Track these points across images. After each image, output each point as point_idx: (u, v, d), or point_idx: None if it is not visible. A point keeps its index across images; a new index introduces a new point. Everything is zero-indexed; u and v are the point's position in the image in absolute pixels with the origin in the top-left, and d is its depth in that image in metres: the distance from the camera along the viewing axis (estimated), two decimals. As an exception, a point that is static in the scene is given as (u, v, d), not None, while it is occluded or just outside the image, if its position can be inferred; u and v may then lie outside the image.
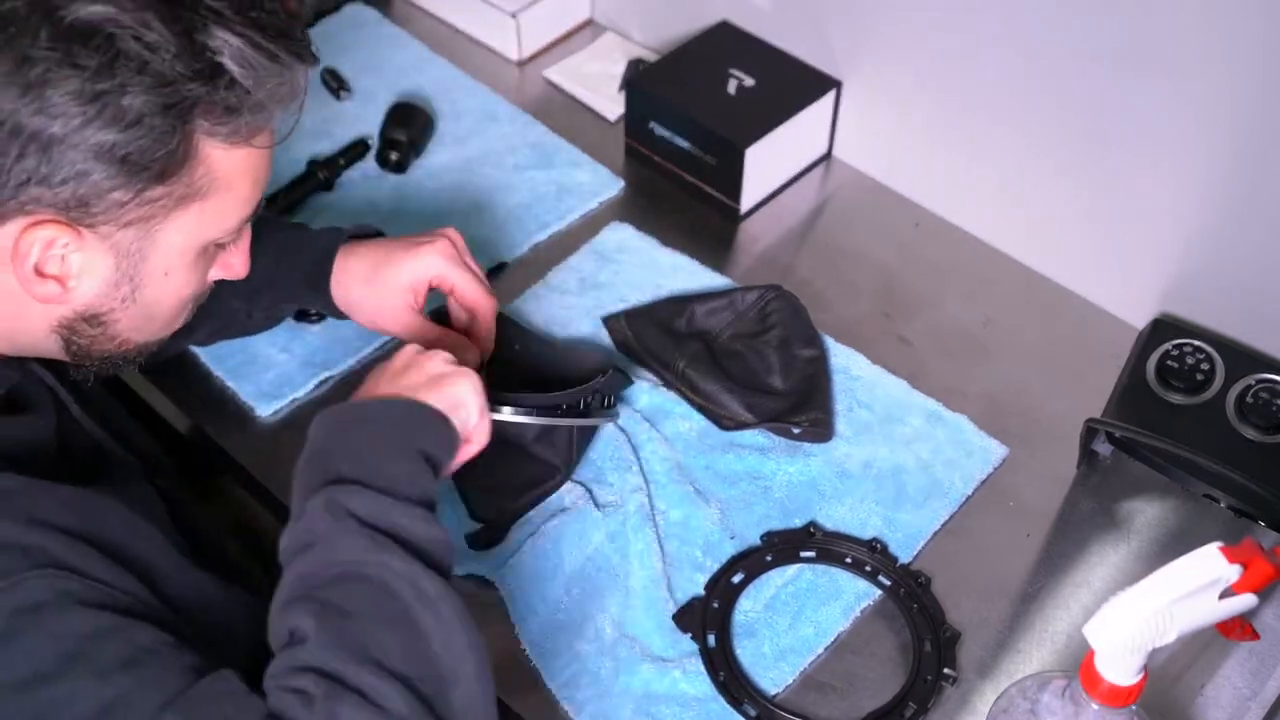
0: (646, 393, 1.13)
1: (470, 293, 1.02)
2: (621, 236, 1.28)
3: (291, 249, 1.06)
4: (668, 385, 1.14)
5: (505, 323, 1.08)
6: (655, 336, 1.15)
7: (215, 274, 0.88)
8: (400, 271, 1.02)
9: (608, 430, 1.09)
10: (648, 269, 1.25)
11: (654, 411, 1.12)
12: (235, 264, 0.89)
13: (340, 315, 1.07)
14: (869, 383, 1.15)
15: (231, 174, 0.79)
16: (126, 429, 0.99)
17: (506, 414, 0.95)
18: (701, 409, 1.12)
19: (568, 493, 1.06)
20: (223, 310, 1.06)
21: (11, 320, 0.80)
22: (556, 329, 1.19)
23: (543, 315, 1.21)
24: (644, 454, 1.08)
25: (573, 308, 1.21)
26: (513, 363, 1.07)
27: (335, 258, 1.04)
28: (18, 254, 0.75)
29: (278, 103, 0.79)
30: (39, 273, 0.76)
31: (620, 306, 1.20)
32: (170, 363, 1.15)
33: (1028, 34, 1.13)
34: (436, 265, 1.02)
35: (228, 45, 0.75)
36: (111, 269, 0.78)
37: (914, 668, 0.97)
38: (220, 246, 0.85)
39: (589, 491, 1.06)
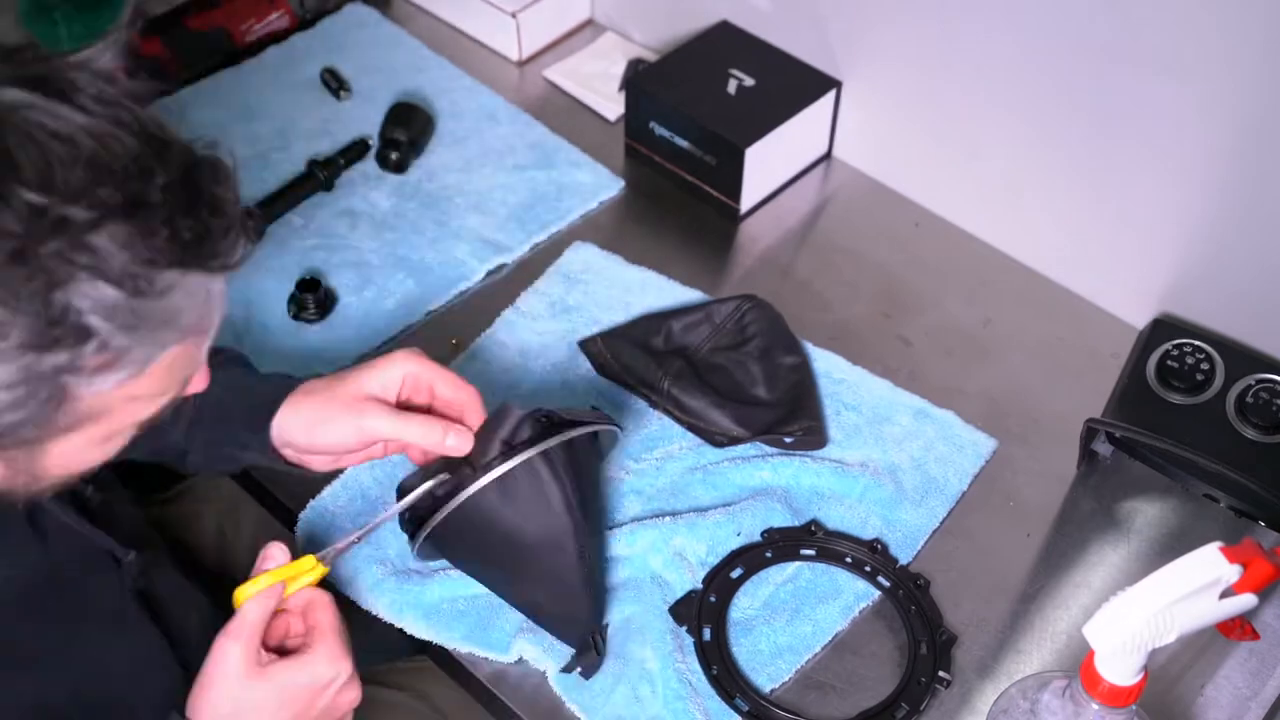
0: (632, 418, 1.13)
1: (452, 385, 0.93)
2: (586, 256, 1.27)
3: (237, 387, 0.97)
4: (652, 405, 1.13)
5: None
6: (635, 356, 1.14)
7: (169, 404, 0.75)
8: (369, 378, 0.92)
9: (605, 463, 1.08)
10: (616, 287, 1.24)
11: (643, 437, 1.11)
12: (194, 387, 0.76)
13: (284, 463, 0.97)
14: (854, 385, 1.15)
15: (125, 402, 0.67)
16: (122, 512, 0.92)
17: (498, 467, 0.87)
18: (691, 427, 1.11)
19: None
20: (161, 434, 0.97)
21: None
22: (532, 358, 1.17)
23: (516, 343, 1.19)
24: (639, 479, 1.08)
25: (546, 333, 1.19)
26: None
27: (286, 397, 0.94)
28: None
29: (176, 338, 0.66)
30: None
31: (594, 329, 1.19)
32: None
33: (1028, 34, 1.13)
34: (410, 364, 0.93)
35: (98, 301, 0.60)
36: (2, 469, 0.68)
37: (909, 669, 0.97)
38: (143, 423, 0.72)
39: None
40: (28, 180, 0.59)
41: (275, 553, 0.87)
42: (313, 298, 1.20)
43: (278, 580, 0.85)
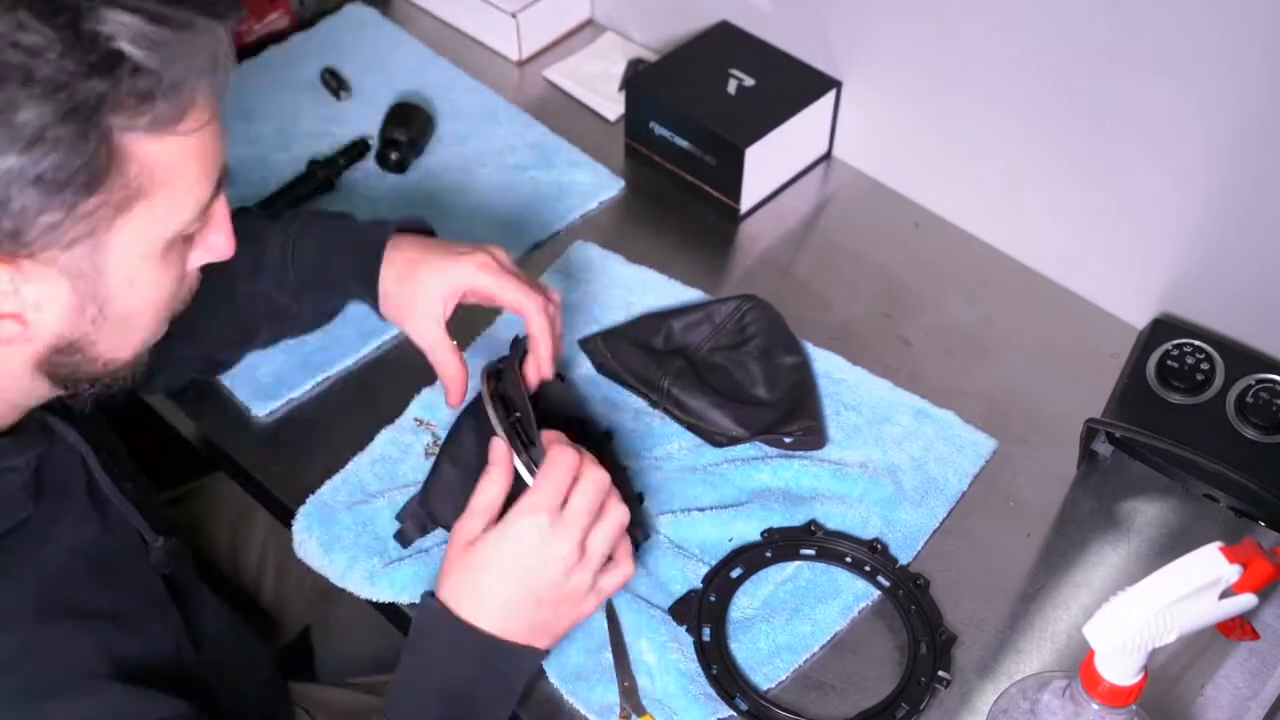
0: (631, 417, 1.13)
1: (511, 295, 1.00)
2: (587, 256, 1.27)
3: (338, 242, 1.04)
4: (652, 405, 1.13)
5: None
6: (635, 356, 1.14)
7: (200, 258, 0.81)
8: (434, 276, 1.00)
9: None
10: (616, 287, 1.24)
11: (643, 436, 1.12)
12: (218, 244, 0.81)
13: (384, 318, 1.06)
14: (853, 385, 1.15)
15: (170, 163, 0.71)
16: (146, 501, 0.96)
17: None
18: (690, 427, 1.11)
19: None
20: (273, 310, 1.06)
21: None
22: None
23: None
24: (638, 479, 1.08)
25: (545, 332, 1.20)
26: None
27: (384, 251, 1.02)
28: None
29: (198, 75, 0.69)
30: None
31: (594, 328, 1.19)
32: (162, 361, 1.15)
33: (1028, 33, 1.13)
34: (470, 274, 1.00)
35: (122, 26, 0.65)
36: (69, 293, 0.71)
37: (909, 669, 0.97)
38: (188, 237, 0.77)
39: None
40: None
41: (500, 447, 0.92)
42: (312, 297, 1.20)
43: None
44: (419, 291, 1.01)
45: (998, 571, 1.04)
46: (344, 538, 1.03)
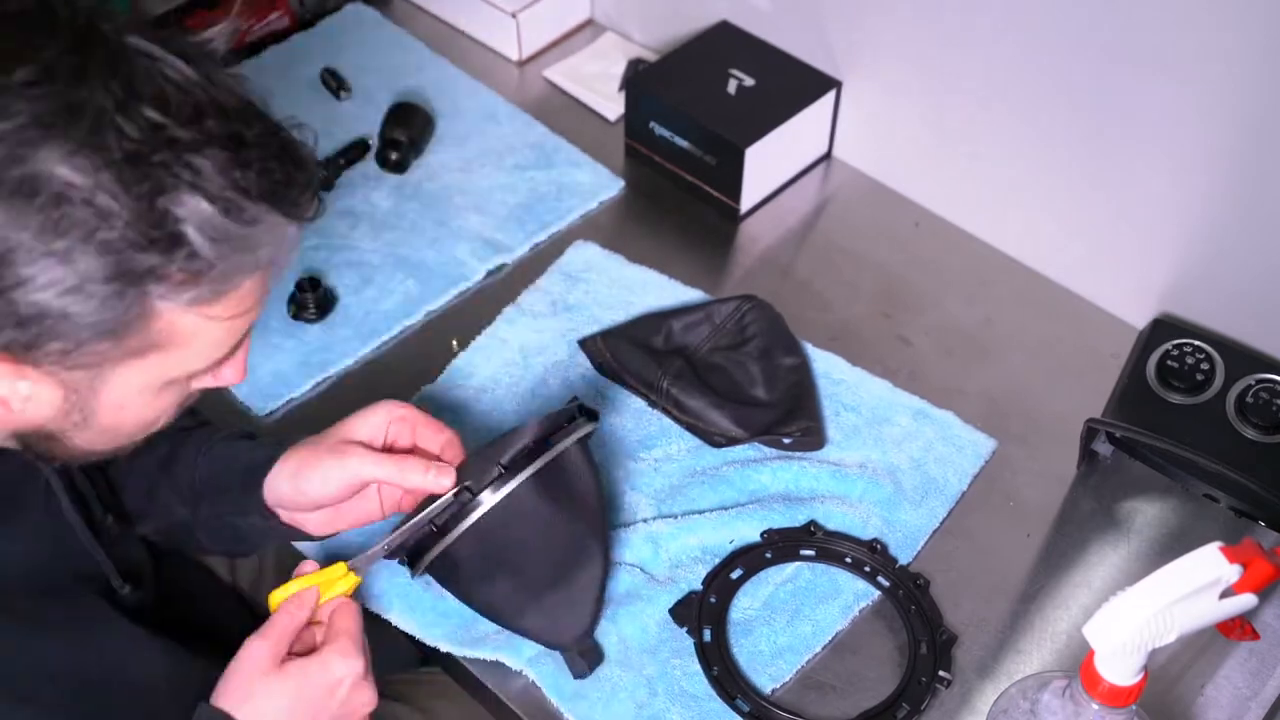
0: (631, 417, 1.13)
1: (434, 428, 0.94)
2: (588, 255, 1.27)
3: (231, 456, 0.99)
4: (651, 405, 1.13)
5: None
6: (635, 355, 1.14)
7: (206, 383, 0.79)
8: (354, 425, 0.94)
9: (602, 462, 1.08)
10: (617, 286, 1.24)
11: (642, 437, 1.12)
12: (228, 375, 0.80)
13: (282, 528, 0.98)
14: (853, 386, 1.15)
15: (196, 332, 0.71)
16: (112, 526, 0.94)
17: (490, 496, 0.88)
18: (690, 427, 1.11)
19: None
20: (169, 512, 1.01)
21: None
22: (532, 355, 1.17)
23: (517, 340, 1.19)
24: (637, 480, 1.08)
25: (545, 331, 1.20)
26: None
27: (278, 457, 0.95)
28: None
29: (251, 269, 0.71)
30: None
31: (594, 327, 1.19)
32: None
33: (1028, 34, 1.13)
34: (391, 410, 0.95)
35: (195, 214, 0.66)
36: (60, 399, 0.72)
37: (909, 669, 0.97)
38: (195, 375, 0.76)
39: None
40: (148, 101, 0.66)
41: (307, 567, 0.90)
42: (312, 297, 1.20)
43: (310, 585, 0.87)
44: (344, 436, 0.95)
45: (998, 571, 1.04)
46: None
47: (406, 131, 1.34)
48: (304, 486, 0.94)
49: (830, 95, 1.32)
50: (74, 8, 0.68)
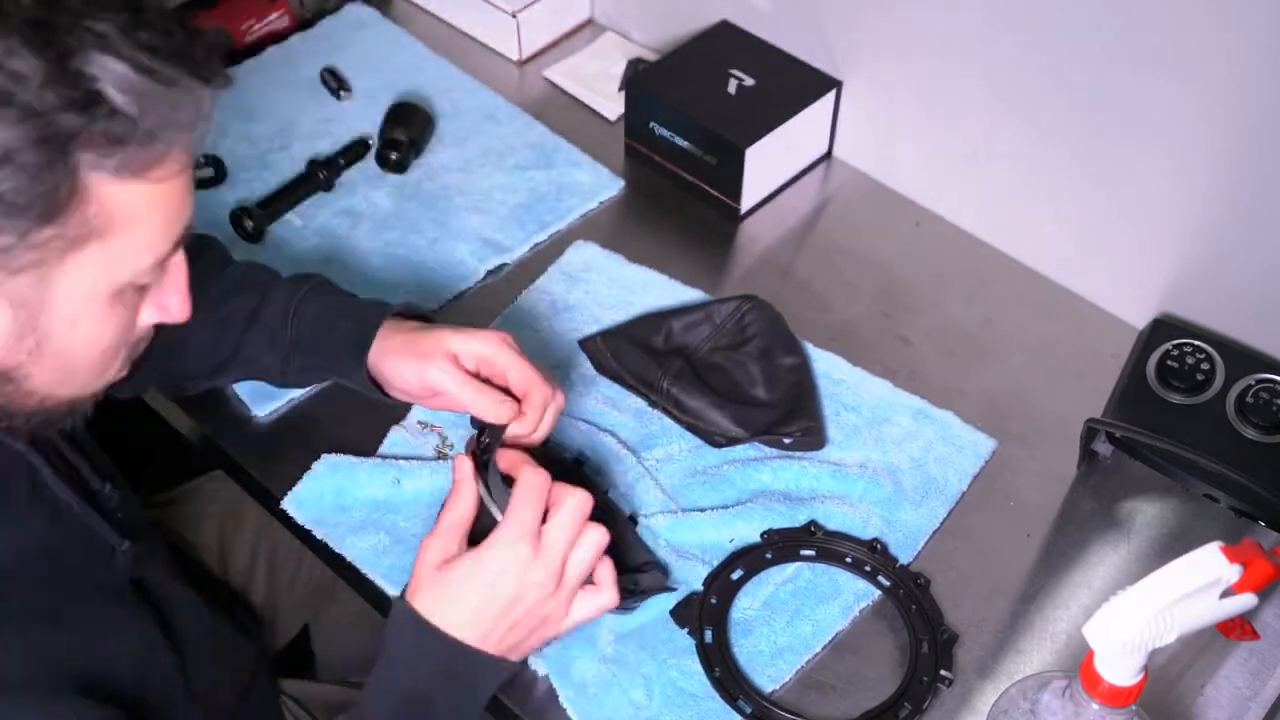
0: (631, 418, 1.13)
1: (527, 380, 0.97)
2: (588, 255, 1.27)
3: (331, 315, 1.03)
4: (652, 405, 1.13)
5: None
6: (635, 356, 1.14)
7: (150, 316, 0.80)
8: (453, 338, 0.98)
9: (599, 461, 1.09)
10: (617, 286, 1.24)
11: (642, 437, 1.11)
12: (171, 305, 0.80)
13: (375, 392, 1.03)
14: (853, 386, 1.15)
15: (131, 210, 0.70)
16: (122, 504, 0.95)
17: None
18: (690, 427, 1.11)
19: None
20: (251, 363, 1.06)
21: None
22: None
23: (519, 341, 1.19)
24: (637, 480, 1.08)
25: (546, 331, 1.20)
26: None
27: (379, 328, 1.00)
28: None
29: (174, 130, 0.70)
30: None
31: (594, 327, 1.19)
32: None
33: (1028, 34, 1.13)
34: (494, 344, 0.98)
35: (108, 71, 0.66)
36: (9, 320, 0.70)
37: (910, 668, 0.97)
38: (141, 288, 0.76)
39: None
40: None
41: (465, 465, 0.92)
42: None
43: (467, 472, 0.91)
44: (439, 344, 0.98)
45: (998, 571, 1.04)
46: (342, 508, 1.05)
47: (406, 131, 1.34)
48: (388, 373, 1.01)
49: (830, 95, 1.32)
50: None
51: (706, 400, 1.10)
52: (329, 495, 1.05)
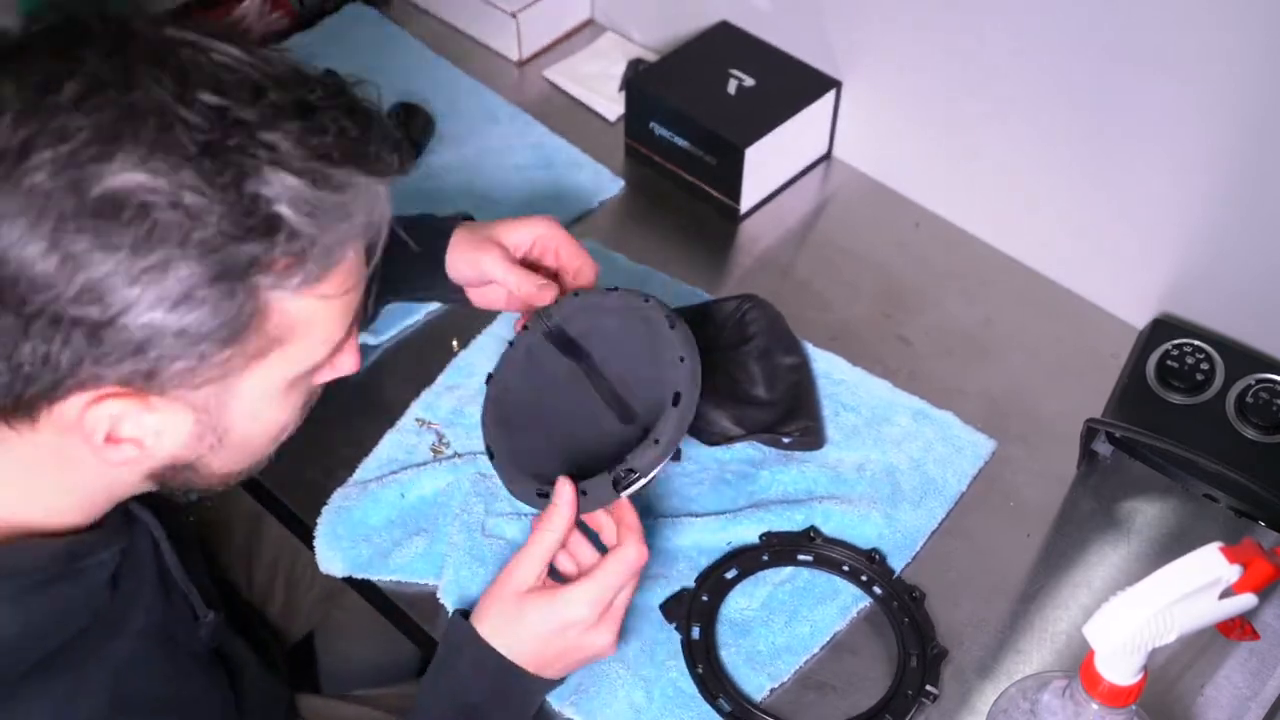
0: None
1: (576, 256, 1.03)
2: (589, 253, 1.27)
3: (400, 240, 1.03)
4: None
5: None
6: None
7: (325, 376, 0.79)
8: (503, 230, 1.03)
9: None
10: (618, 285, 1.23)
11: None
12: (344, 364, 0.79)
13: (451, 297, 1.08)
14: (853, 385, 1.15)
15: (311, 318, 0.70)
16: (203, 579, 0.96)
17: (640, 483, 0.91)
18: (689, 427, 1.11)
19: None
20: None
21: (102, 482, 0.75)
22: None
23: None
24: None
25: (546, 329, 1.20)
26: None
27: (450, 237, 1.04)
28: (84, 430, 0.68)
29: (353, 238, 0.69)
30: (111, 440, 0.69)
31: None
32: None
33: (1028, 34, 1.13)
34: (542, 227, 1.03)
35: (285, 189, 0.64)
36: (191, 424, 0.70)
37: (896, 681, 0.97)
38: (317, 368, 0.76)
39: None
40: (205, 88, 0.64)
41: (564, 488, 0.90)
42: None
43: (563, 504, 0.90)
44: (490, 235, 1.03)
45: (998, 571, 1.04)
46: (364, 540, 1.04)
47: (406, 131, 1.34)
48: (450, 267, 1.04)
49: (830, 95, 1.32)
50: (103, 13, 0.66)
51: (706, 399, 1.10)
52: (346, 540, 1.04)
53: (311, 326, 0.70)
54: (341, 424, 1.12)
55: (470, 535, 1.03)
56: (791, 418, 1.09)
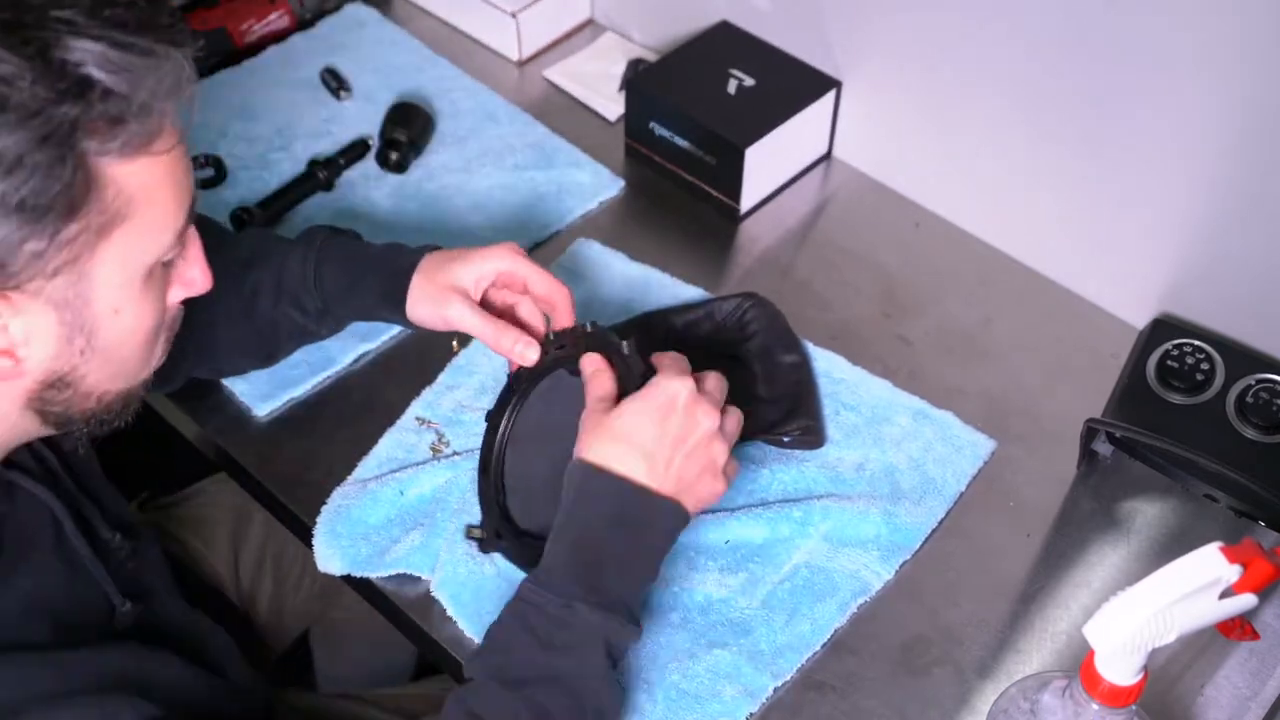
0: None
1: (545, 284, 1.01)
2: (590, 253, 1.27)
3: (362, 269, 1.05)
4: None
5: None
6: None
7: (178, 294, 0.82)
8: (464, 269, 1.00)
9: None
10: (619, 284, 1.24)
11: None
12: (194, 278, 0.82)
13: (412, 326, 1.05)
14: (853, 385, 1.15)
15: (145, 186, 0.72)
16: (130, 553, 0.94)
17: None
18: None
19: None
20: (294, 330, 1.07)
21: None
22: None
23: None
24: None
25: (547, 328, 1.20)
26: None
27: (412, 276, 1.02)
28: None
29: (164, 98, 0.71)
30: None
31: None
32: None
33: (1028, 33, 1.13)
34: (504, 260, 1.00)
35: (89, 53, 0.67)
36: (56, 324, 0.72)
37: None
38: (167, 265, 0.78)
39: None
40: None
41: (593, 358, 0.94)
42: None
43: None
44: (450, 281, 1.00)
45: (997, 571, 1.04)
46: (363, 538, 1.04)
47: (406, 131, 1.34)
48: (414, 313, 1.02)
49: (830, 95, 1.32)
50: None
51: None
52: (345, 538, 1.04)
53: (149, 197, 0.72)
54: (342, 424, 1.12)
55: (468, 532, 1.03)
56: (792, 417, 1.09)
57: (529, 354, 0.97)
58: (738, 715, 0.94)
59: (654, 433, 0.88)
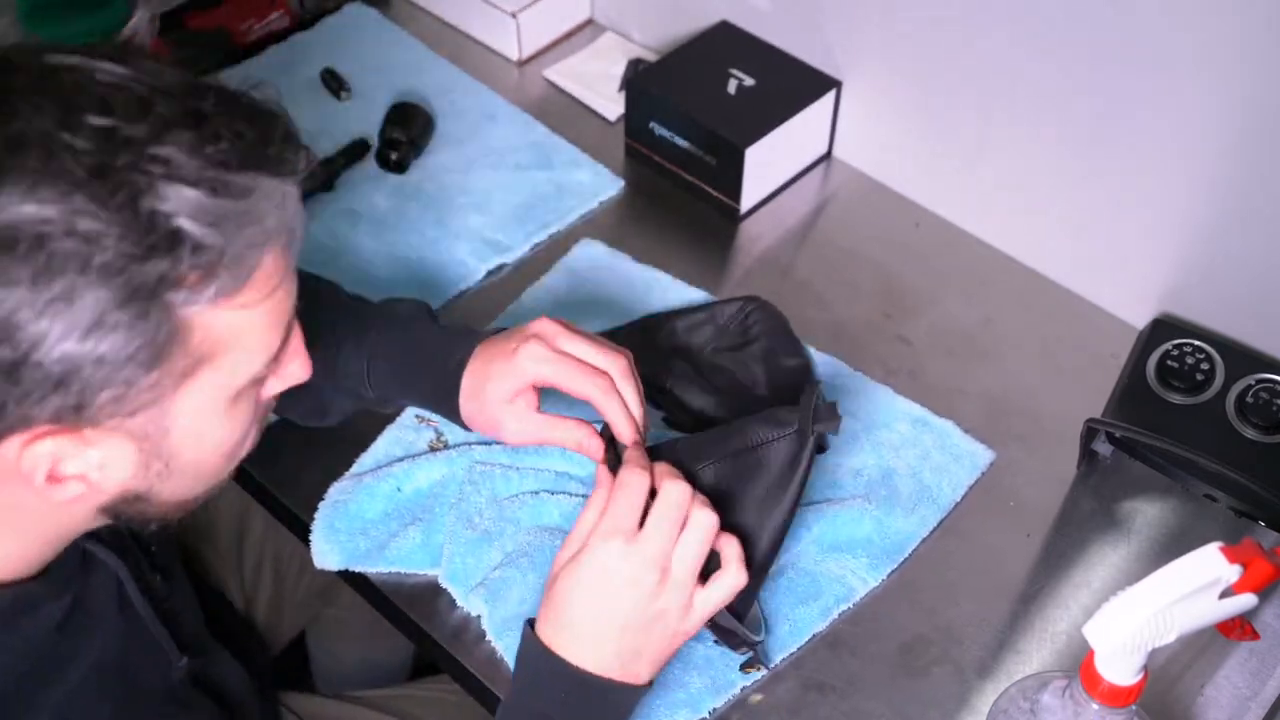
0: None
1: (574, 383, 0.91)
2: (593, 253, 1.27)
3: (414, 367, 0.99)
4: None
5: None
6: (637, 356, 1.13)
7: (276, 387, 0.78)
8: (498, 386, 0.93)
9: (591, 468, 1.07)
10: (622, 286, 1.24)
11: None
12: (294, 372, 0.78)
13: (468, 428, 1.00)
14: (853, 390, 1.15)
15: (235, 328, 0.68)
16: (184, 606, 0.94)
17: None
18: (692, 429, 1.10)
19: (559, 506, 1.04)
20: (347, 409, 1.04)
21: (50, 524, 0.74)
22: None
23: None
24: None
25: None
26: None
27: (461, 378, 0.96)
28: (22, 473, 0.66)
29: (263, 243, 0.67)
30: (54, 479, 0.67)
31: (598, 327, 1.18)
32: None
33: (1029, 33, 1.13)
34: (529, 370, 0.92)
35: (184, 202, 0.62)
36: (134, 453, 0.69)
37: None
38: (259, 380, 0.73)
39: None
40: (90, 110, 0.62)
41: (603, 473, 0.87)
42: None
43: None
44: (492, 405, 0.94)
45: (997, 572, 1.04)
46: (361, 533, 1.04)
47: (406, 131, 1.34)
48: (473, 428, 0.97)
49: (830, 95, 1.32)
50: None
51: (709, 401, 1.10)
52: (343, 533, 1.03)
53: (239, 338, 0.68)
54: (342, 424, 1.12)
55: (469, 522, 1.03)
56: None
57: (592, 444, 0.92)
58: (700, 708, 0.94)
59: (591, 608, 0.82)
